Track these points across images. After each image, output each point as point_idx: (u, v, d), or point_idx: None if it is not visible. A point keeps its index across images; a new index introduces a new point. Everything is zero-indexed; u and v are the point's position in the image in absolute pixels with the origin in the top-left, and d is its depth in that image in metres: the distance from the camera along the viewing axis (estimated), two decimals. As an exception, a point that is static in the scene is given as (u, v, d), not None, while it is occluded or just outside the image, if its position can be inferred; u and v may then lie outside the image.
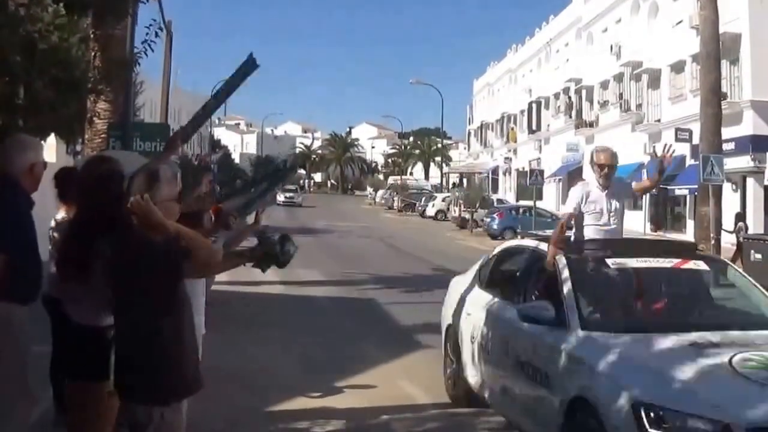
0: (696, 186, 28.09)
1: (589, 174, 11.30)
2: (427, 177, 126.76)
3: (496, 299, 9.77)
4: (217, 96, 7.87)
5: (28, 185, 6.48)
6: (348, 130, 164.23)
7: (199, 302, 6.83)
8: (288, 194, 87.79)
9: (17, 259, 6.14)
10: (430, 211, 68.59)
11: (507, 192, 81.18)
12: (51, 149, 25.72)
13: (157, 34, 16.91)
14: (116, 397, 5.31)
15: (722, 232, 25.66)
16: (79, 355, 6.13)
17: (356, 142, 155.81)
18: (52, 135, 25.79)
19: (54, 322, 6.96)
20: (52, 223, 7.41)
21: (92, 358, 5.98)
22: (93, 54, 17.07)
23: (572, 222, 9.24)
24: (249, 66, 7.11)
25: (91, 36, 17.42)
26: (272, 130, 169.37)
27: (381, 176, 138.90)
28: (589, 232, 9.26)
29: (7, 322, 6.15)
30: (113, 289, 5.33)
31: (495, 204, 56.42)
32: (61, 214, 7.49)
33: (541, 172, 48.18)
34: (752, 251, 23.33)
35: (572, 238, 9.21)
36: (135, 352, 5.12)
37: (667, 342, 7.23)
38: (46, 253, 6.75)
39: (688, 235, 36.00)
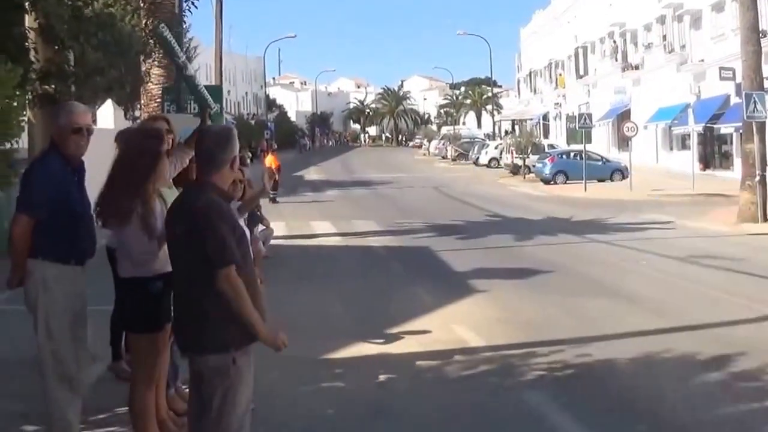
0: (741, 124, 28.11)
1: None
2: (479, 125, 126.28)
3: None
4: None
5: (72, 149, 6.51)
6: (400, 83, 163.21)
7: None
8: None
9: (50, 221, 6.30)
10: (484, 159, 67.76)
11: (558, 137, 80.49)
12: (109, 116, 26.34)
13: (201, -10, 17.54)
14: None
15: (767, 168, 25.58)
16: (125, 306, 6.56)
17: (408, 95, 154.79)
18: (109, 102, 26.55)
19: (114, 276, 7.24)
20: None
21: (134, 309, 6.35)
22: (144, 22, 17.56)
23: None
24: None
25: (141, 5, 17.93)
26: (326, 87, 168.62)
27: (434, 127, 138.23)
28: None
29: (40, 280, 6.32)
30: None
31: (546, 149, 56.00)
32: None
33: (590, 115, 47.92)
34: (797, 186, 23.27)
35: None
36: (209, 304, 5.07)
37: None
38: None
39: (736, 172, 35.75)
